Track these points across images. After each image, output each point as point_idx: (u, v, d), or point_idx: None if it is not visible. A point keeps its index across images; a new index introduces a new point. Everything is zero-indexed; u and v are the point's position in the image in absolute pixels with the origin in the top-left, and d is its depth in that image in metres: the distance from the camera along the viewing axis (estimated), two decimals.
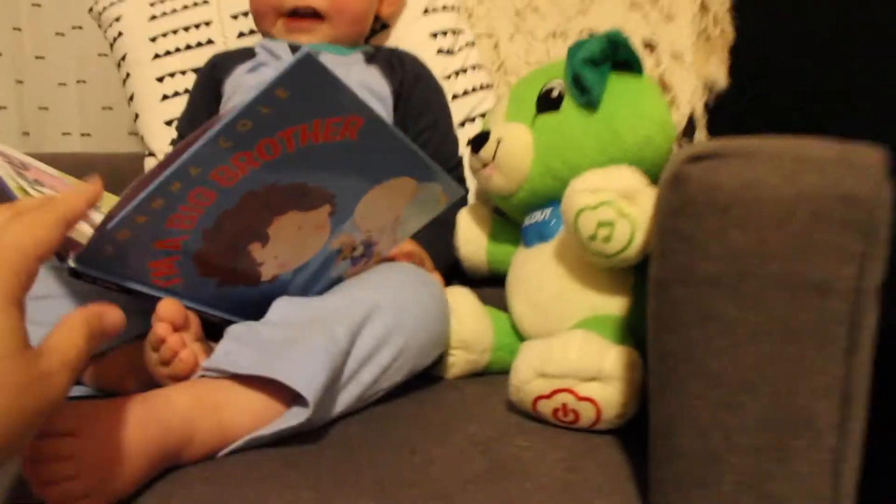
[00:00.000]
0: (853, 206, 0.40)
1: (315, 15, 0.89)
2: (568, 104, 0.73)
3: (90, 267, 0.53)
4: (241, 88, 0.90)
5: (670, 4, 0.99)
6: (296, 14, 0.89)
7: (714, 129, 1.00)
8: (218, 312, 0.62)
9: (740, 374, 0.42)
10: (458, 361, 0.71)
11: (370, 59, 0.92)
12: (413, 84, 0.91)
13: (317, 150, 0.52)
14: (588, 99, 0.70)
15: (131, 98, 1.08)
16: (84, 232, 0.57)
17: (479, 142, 0.76)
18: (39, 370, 0.38)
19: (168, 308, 0.57)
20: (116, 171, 1.03)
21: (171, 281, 0.57)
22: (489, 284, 0.85)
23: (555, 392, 0.57)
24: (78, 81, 1.40)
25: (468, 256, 0.86)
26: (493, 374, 0.74)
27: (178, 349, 0.57)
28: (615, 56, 0.71)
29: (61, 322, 0.42)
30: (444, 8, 1.02)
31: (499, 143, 0.75)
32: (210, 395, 0.55)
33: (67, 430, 0.47)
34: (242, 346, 0.57)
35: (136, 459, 0.49)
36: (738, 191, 0.41)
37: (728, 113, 1.01)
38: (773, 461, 0.42)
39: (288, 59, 0.86)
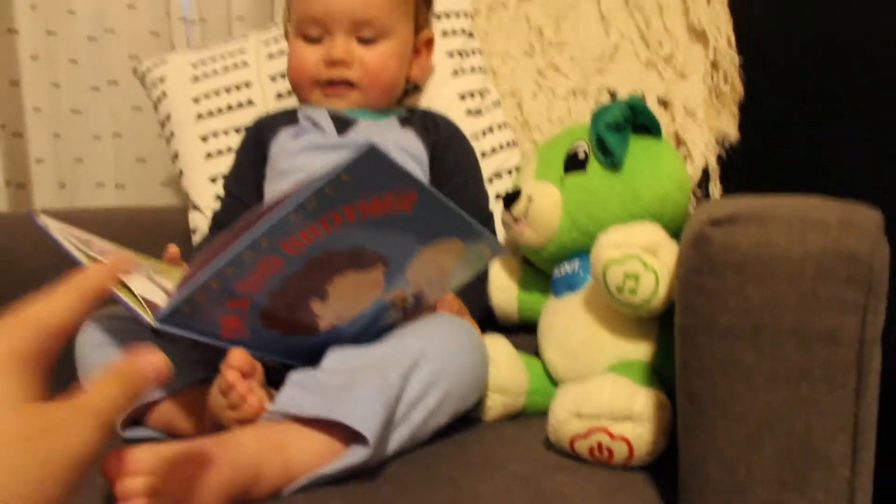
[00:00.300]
0: (854, 263, 0.47)
1: (349, 83, 0.97)
2: (593, 165, 0.80)
3: (169, 325, 0.60)
4: (285, 152, 0.97)
5: (683, 64, 1.07)
6: (331, 83, 0.97)
7: (726, 180, 1.07)
8: (278, 358, 0.68)
9: (760, 414, 0.48)
10: (496, 404, 0.78)
11: (404, 121, 1.00)
12: (447, 146, 0.99)
13: (375, 220, 0.59)
14: (611, 161, 0.78)
15: (176, 156, 1.15)
16: (159, 295, 0.64)
17: (511, 199, 0.83)
18: (47, 420, 0.41)
19: (238, 357, 0.63)
20: (163, 225, 1.11)
21: (239, 334, 0.64)
22: (519, 331, 0.91)
23: (590, 431, 0.63)
24: (113, 135, 1.47)
25: (500, 305, 0.93)
26: (528, 416, 0.80)
27: (246, 395, 0.63)
28: (636, 120, 0.79)
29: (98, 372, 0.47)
30: (472, 70, 1.09)
31: (530, 200, 0.82)
32: (275, 436, 0.61)
33: (148, 470, 0.53)
34: (303, 391, 0.64)
35: (211, 497, 0.56)
36: (753, 251, 0.48)
37: (738, 165, 1.08)
38: (793, 491, 0.48)
39: (329, 128, 0.95)
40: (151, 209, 1.25)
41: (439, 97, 1.07)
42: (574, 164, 0.81)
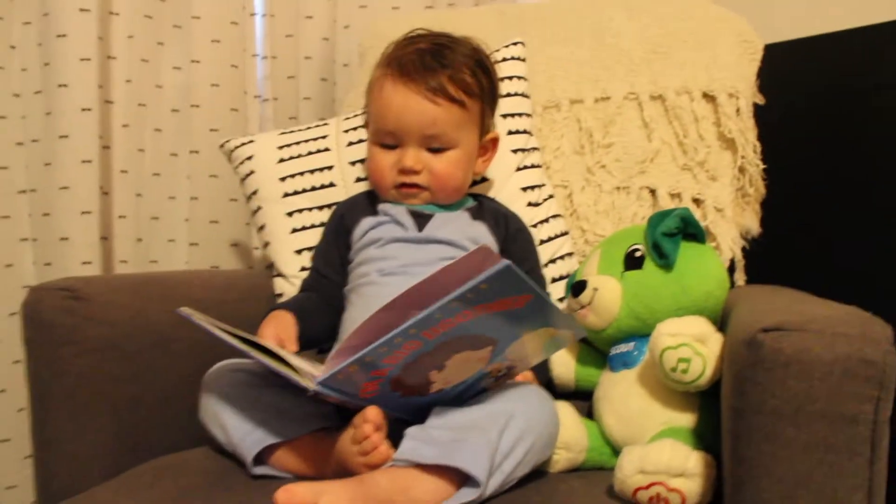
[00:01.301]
0: (871, 367, 0.65)
1: (419, 186, 1.12)
2: (648, 264, 1.00)
3: (324, 388, 0.78)
4: (371, 242, 1.12)
5: (714, 168, 1.25)
6: (404, 185, 1.12)
7: (749, 270, 1.25)
8: (393, 412, 0.85)
9: (797, 475, 0.66)
10: (561, 459, 0.95)
11: (476, 214, 1.16)
12: (514, 239, 1.15)
13: (496, 314, 0.77)
14: (665, 262, 0.98)
15: (262, 227, 1.32)
16: (305, 368, 0.81)
17: (578, 289, 1.03)
18: None
19: (374, 414, 0.80)
20: (255, 288, 1.28)
21: (372, 394, 0.82)
22: (572, 398, 1.09)
23: (651, 484, 0.81)
24: (190, 198, 1.64)
25: (560, 375, 1.11)
26: (585, 470, 0.98)
27: (378, 444, 0.80)
28: (685, 229, 0.98)
29: None
30: (532, 166, 1.28)
31: (595, 291, 1.01)
32: (402, 479, 0.79)
33: (312, 501, 0.71)
34: (423, 443, 0.81)
35: None
36: (795, 354, 0.66)
37: (760, 255, 1.26)
38: None
39: (409, 223, 1.11)
40: (245, 273, 1.43)
41: (504, 188, 1.24)
42: (633, 262, 1.01)
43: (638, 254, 1.01)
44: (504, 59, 1.32)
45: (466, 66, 1.10)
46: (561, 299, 1.17)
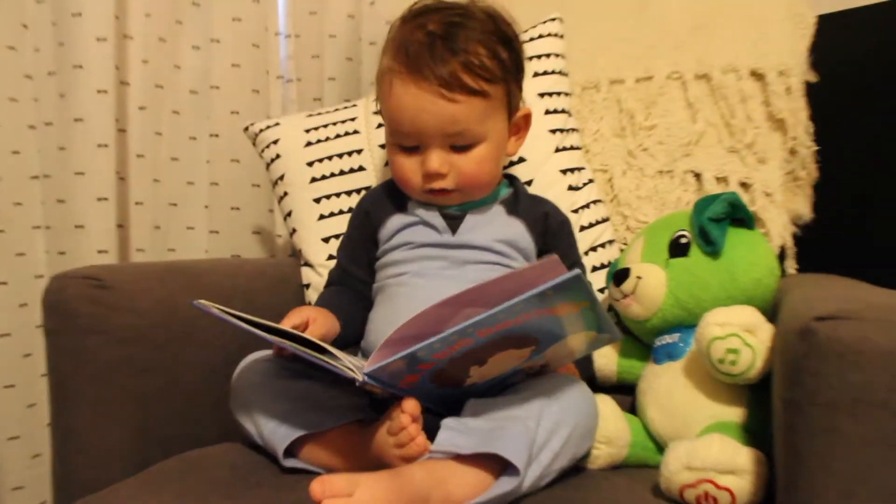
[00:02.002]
0: None
1: (447, 189, 1.09)
2: (694, 251, 1.02)
3: (370, 380, 0.80)
4: (402, 244, 1.12)
5: (763, 150, 1.26)
6: (431, 191, 1.07)
7: (801, 258, 1.26)
8: (427, 403, 0.87)
9: (855, 470, 0.67)
10: (602, 454, 0.97)
11: (511, 209, 1.12)
12: (555, 236, 1.14)
13: (550, 318, 0.79)
14: (713, 249, 0.99)
15: (289, 214, 1.35)
16: (348, 359, 0.84)
17: (621, 277, 1.05)
18: None
19: (412, 405, 0.83)
20: (283, 279, 1.31)
21: (411, 385, 0.84)
22: (613, 392, 1.11)
23: (699, 482, 0.82)
24: (210, 184, 1.67)
25: (601, 368, 1.13)
26: (629, 467, 1.00)
27: (415, 436, 0.83)
28: (734, 214, 0.99)
29: None
30: (572, 147, 1.30)
31: (638, 279, 1.03)
32: (439, 472, 0.81)
33: (348, 493, 0.73)
34: (460, 434, 0.83)
35: None
36: (852, 343, 0.67)
37: (812, 242, 1.27)
38: None
39: (441, 226, 1.10)
40: (272, 262, 1.46)
41: (543, 171, 1.26)
42: (678, 249, 1.03)
43: (684, 240, 1.03)
44: (540, 36, 1.34)
45: (483, 44, 1.02)
46: (602, 289, 1.19)
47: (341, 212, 1.31)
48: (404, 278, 1.10)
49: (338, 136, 1.37)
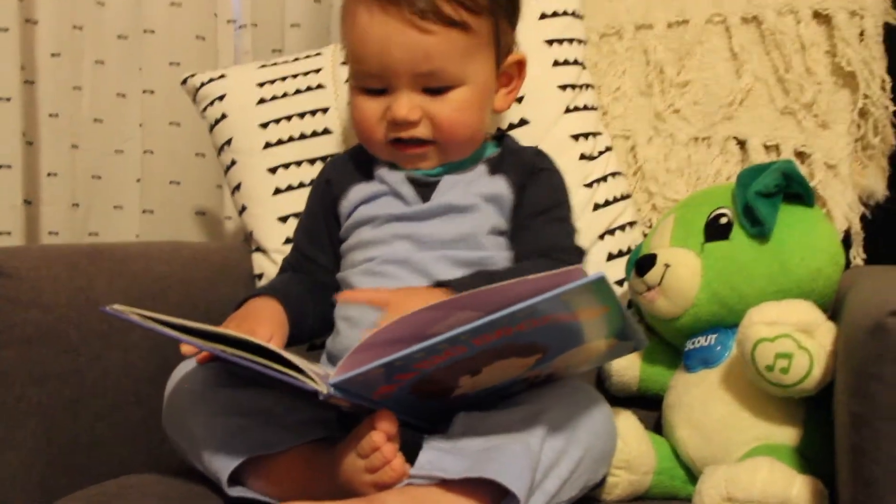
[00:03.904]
0: None
1: (421, 141, 1.07)
2: (737, 233, 0.99)
3: (338, 391, 0.77)
4: (366, 220, 1.10)
5: (826, 111, 1.23)
6: (400, 141, 1.07)
7: (871, 246, 1.24)
8: (405, 417, 0.85)
9: None
10: (621, 482, 0.95)
11: (495, 167, 1.10)
12: (533, 181, 1.09)
13: (563, 324, 0.77)
14: (760, 230, 0.97)
15: (237, 188, 1.33)
16: (309, 367, 0.81)
17: (645, 265, 1.02)
18: None
19: (387, 421, 0.80)
20: (228, 265, 1.29)
21: (386, 397, 0.82)
22: (636, 405, 1.09)
23: None
24: (143, 152, 1.65)
25: (619, 373, 1.11)
26: (653, 499, 0.98)
27: (391, 458, 0.80)
28: (788, 188, 0.97)
29: None
30: (586, 107, 1.27)
31: (666, 267, 1.01)
32: (421, 500, 0.79)
33: None
34: (444, 454, 0.81)
35: None
36: None
37: (886, 226, 1.25)
38: None
39: (411, 196, 1.08)
40: (217, 247, 1.44)
41: (550, 137, 1.23)
42: (717, 231, 1.01)
43: (724, 220, 1.00)
44: None
45: None
46: (621, 281, 1.17)
47: (302, 185, 1.28)
48: (371, 266, 1.07)
49: (298, 91, 1.35)
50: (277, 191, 1.31)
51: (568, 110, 1.26)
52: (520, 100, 1.23)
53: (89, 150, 1.64)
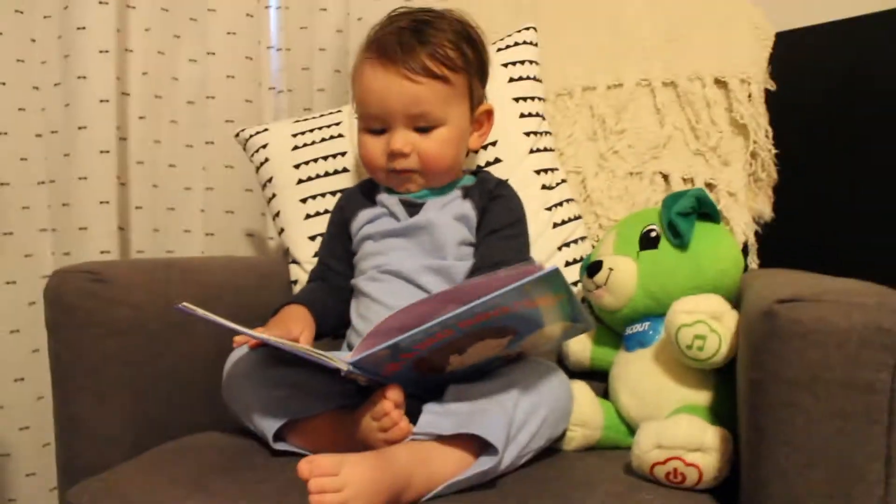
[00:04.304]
0: (886, 335, 0.64)
1: (411, 170, 1.08)
2: (664, 244, 1.00)
3: (355, 369, 0.79)
4: (368, 236, 1.11)
5: (727, 152, 1.24)
6: (395, 171, 1.08)
7: (762, 253, 1.25)
8: (410, 389, 0.86)
9: (814, 444, 0.66)
10: (577, 436, 0.95)
11: (467, 193, 1.10)
12: (488, 207, 1.09)
13: (528, 310, 0.78)
14: (680, 242, 0.98)
15: (277, 214, 1.33)
16: (332, 353, 0.82)
17: (594, 269, 1.03)
18: None
19: (394, 391, 0.81)
20: (272, 275, 1.29)
21: (394, 373, 0.82)
22: (585, 377, 1.09)
23: (668, 459, 0.81)
24: (205, 189, 1.65)
25: (575, 354, 1.12)
26: (601, 449, 0.98)
27: (398, 420, 0.81)
28: (700, 209, 0.98)
29: None
30: (546, 149, 1.28)
31: (610, 271, 1.01)
32: (422, 452, 0.79)
33: (334, 472, 0.71)
34: (441, 416, 0.82)
35: (379, 495, 0.74)
36: (812, 324, 0.66)
37: (772, 240, 1.26)
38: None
39: (401, 214, 1.10)
40: (263, 260, 1.44)
41: (518, 172, 1.23)
42: (648, 242, 1.01)
43: (653, 234, 1.01)
44: (516, 44, 1.33)
45: (448, 40, 1.06)
46: (575, 283, 1.17)
47: (326, 211, 1.28)
48: (372, 273, 1.08)
49: (323, 139, 1.35)
50: (307, 216, 1.31)
51: (532, 151, 1.27)
52: (494, 143, 1.25)
53: (166, 189, 1.64)
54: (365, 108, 1.08)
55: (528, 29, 1.36)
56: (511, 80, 1.30)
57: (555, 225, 1.23)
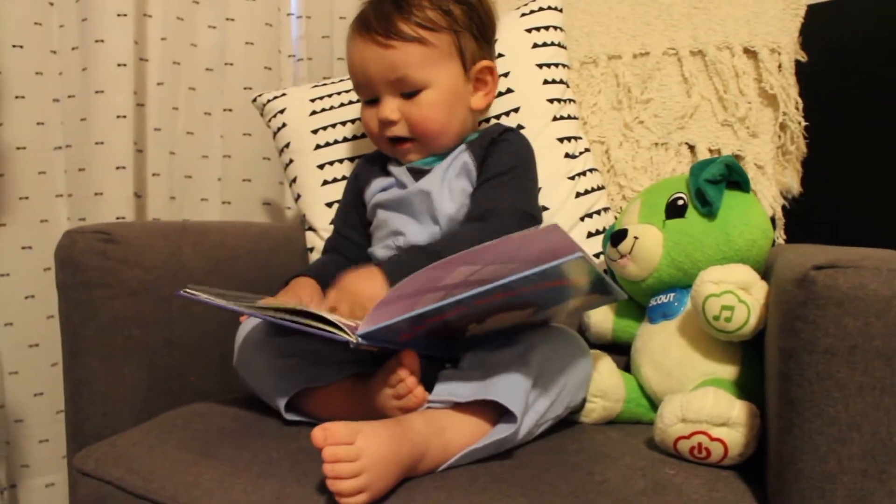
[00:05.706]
0: None
1: (405, 139, 1.07)
2: (691, 212, 0.95)
3: (365, 341, 0.75)
4: (380, 205, 1.10)
5: (755, 124, 1.20)
6: (391, 140, 1.07)
7: (788, 231, 1.21)
8: (426, 351, 0.82)
9: (850, 417, 0.62)
10: (597, 408, 0.92)
11: (469, 146, 1.07)
12: (490, 148, 1.05)
13: (554, 288, 0.75)
14: (709, 210, 0.93)
15: (294, 180, 1.30)
16: (342, 322, 0.77)
17: (618, 238, 0.99)
18: None
19: (411, 358, 0.78)
20: (287, 241, 1.26)
21: (406, 341, 0.79)
22: (609, 351, 1.05)
23: (693, 434, 0.77)
24: (223, 156, 1.62)
25: (597, 325, 1.08)
26: (622, 422, 0.94)
27: (413, 388, 0.78)
28: (730, 177, 0.94)
29: None
30: (569, 117, 1.24)
31: (635, 240, 0.97)
32: (438, 420, 0.76)
33: (349, 440, 0.68)
34: (456, 383, 0.79)
35: (395, 466, 0.70)
36: (850, 291, 0.62)
37: (800, 216, 1.22)
38: (875, 481, 0.61)
39: (409, 182, 1.07)
40: (279, 226, 1.40)
41: (540, 139, 1.19)
42: (675, 211, 0.97)
43: (680, 202, 0.97)
44: (540, 9, 1.28)
45: (429, 1, 1.04)
46: (598, 254, 1.13)
47: (344, 178, 1.26)
48: (388, 241, 1.07)
49: (342, 104, 1.32)
50: (325, 182, 1.29)
51: (555, 118, 1.23)
52: (517, 109, 1.21)
53: (183, 156, 1.61)
54: (354, 80, 1.09)
55: None
56: (535, 45, 1.26)
57: (577, 195, 1.19)
